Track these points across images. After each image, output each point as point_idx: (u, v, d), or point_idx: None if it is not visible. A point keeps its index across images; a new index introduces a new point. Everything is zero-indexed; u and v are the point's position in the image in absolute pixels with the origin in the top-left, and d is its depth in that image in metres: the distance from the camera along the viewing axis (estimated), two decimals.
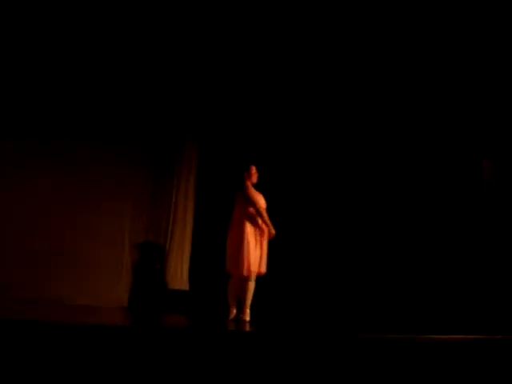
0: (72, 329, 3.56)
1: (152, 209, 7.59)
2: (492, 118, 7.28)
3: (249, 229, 6.23)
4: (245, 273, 6.12)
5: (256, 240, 6.27)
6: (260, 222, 6.31)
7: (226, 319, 6.14)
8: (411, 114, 7.51)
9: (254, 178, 6.53)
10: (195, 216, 7.87)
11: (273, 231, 6.35)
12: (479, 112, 7.27)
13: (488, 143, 7.31)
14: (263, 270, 6.32)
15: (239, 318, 6.15)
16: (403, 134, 7.58)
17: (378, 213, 7.58)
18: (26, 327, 3.36)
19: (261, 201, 6.44)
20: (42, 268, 6.77)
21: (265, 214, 6.33)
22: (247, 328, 5.44)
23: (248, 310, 6.18)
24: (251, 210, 6.30)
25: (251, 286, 6.19)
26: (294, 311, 7.17)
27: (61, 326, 3.58)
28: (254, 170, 6.54)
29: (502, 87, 7.16)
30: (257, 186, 6.58)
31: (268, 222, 6.34)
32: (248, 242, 6.17)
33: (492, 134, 7.32)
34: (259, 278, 6.39)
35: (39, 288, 6.69)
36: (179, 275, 7.69)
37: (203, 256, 7.55)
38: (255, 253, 6.20)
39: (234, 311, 6.25)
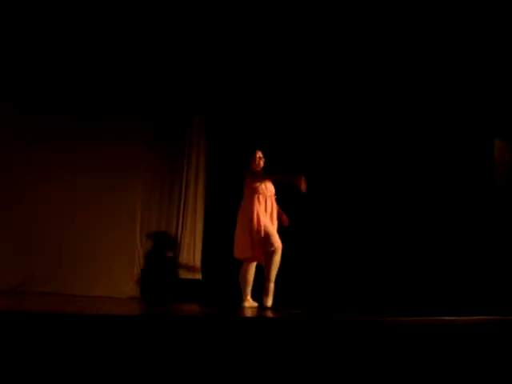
0: (85, 319, 3.54)
1: (163, 194, 7.59)
2: (503, 96, 7.20)
3: (258, 215, 6.11)
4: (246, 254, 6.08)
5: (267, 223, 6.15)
6: (270, 206, 6.22)
7: (240, 307, 6.06)
8: (421, 93, 7.43)
9: (261, 163, 6.36)
10: (206, 204, 7.87)
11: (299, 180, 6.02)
12: (490, 91, 7.19)
13: (499, 122, 7.23)
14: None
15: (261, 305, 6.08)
16: (412, 115, 7.49)
17: (387, 196, 7.52)
18: (43, 320, 3.35)
19: (269, 186, 6.32)
20: (55, 260, 6.77)
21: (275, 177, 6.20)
22: (262, 315, 5.40)
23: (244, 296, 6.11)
24: (260, 189, 6.18)
25: (277, 258, 6.03)
26: (306, 296, 7.13)
27: (74, 317, 3.56)
28: (259, 154, 6.36)
29: None
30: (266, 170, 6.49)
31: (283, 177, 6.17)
32: (259, 224, 6.06)
33: (503, 113, 7.24)
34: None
35: (52, 281, 6.70)
36: (192, 264, 7.69)
37: (216, 242, 7.53)
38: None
39: (249, 298, 6.18)
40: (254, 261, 6.19)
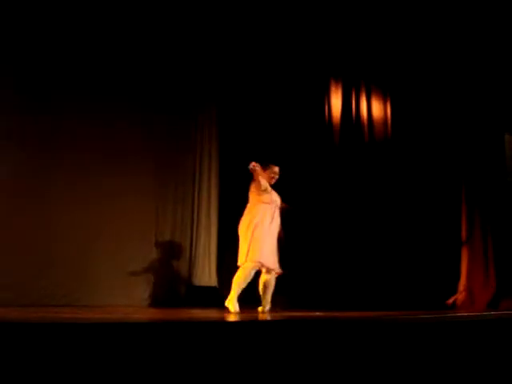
0: (102, 327, 3.59)
1: (176, 199, 7.61)
2: None
3: (260, 219, 6.01)
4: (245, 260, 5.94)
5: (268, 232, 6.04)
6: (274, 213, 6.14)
7: (259, 311, 6.07)
8: (433, 88, 7.44)
9: (274, 179, 6.21)
10: (220, 206, 7.90)
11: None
12: (500, 87, 7.20)
13: (510, 117, 7.24)
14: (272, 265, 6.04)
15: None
16: (423, 112, 7.51)
17: (397, 188, 7.53)
18: (62, 329, 3.39)
19: (274, 196, 6.21)
20: (72, 272, 6.81)
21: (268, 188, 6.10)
22: (276, 318, 5.43)
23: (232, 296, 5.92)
24: (264, 198, 6.08)
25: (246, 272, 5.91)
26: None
27: (92, 326, 3.61)
28: (276, 170, 6.22)
29: None
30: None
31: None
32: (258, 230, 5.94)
33: None
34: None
35: (70, 292, 6.73)
36: (207, 272, 7.71)
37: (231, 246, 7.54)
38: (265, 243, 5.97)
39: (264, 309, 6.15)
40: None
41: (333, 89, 7.93)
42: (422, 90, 7.48)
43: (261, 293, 6.11)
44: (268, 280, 6.07)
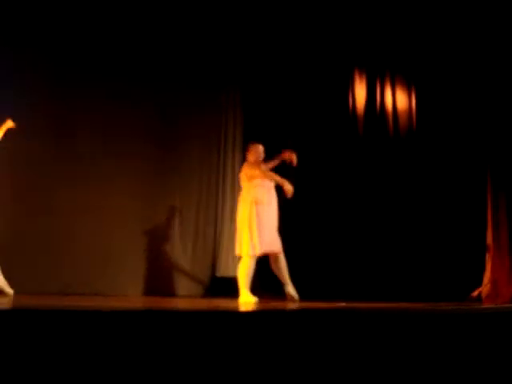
0: (128, 315, 3.62)
1: (201, 191, 7.63)
2: None
3: (256, 205, 6.06)
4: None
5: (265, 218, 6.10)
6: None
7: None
8: (457, 76, 7.34)
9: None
10: None
11: (289, 186, 6.13)
12: None
13: None
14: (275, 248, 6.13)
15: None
16: (447, 99, 7.41)
17: (421, 176, 7.47)
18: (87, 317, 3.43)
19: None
20: (97, 262, 6.88)
21: (272, 174, 6.18)
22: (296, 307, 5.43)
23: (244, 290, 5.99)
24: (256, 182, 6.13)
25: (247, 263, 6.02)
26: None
27: (117, 314, 3.65)
28: (261, 149, 6.33)
29: None
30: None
31: (279, 178, 6.17)
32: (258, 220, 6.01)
33: None
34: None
35: (94, 282, 6.80)
36: (231, 263, 7.71)
37: None
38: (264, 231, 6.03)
39: (286, 288, 6.17)
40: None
41: (357, 78, 7.88)
42: (446, 79, 7.39)
43: (279, 277, 6.12)
44: (278, 262, 6.08)
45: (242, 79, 7.91)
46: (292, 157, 6.28)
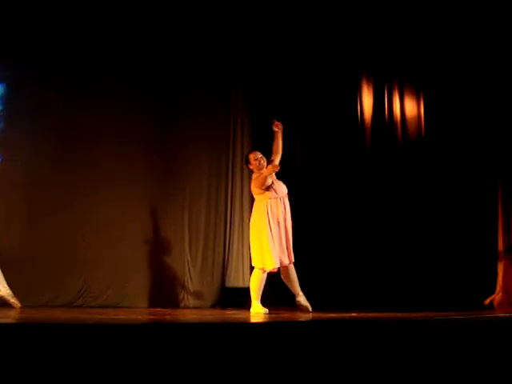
0: (137, 328, 3.61)
1: (210, 199, 7.58)
2: None
3: (268, 218, 5.93)
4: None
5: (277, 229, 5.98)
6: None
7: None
8: (465, 85, 7.31)
9: (262, 163, 6.06)
10: None
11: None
12: None
13: None
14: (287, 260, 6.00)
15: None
16: (456, 107, 7.38)
17: (431, 184, 7.43)
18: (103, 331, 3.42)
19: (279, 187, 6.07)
20: (107, 273, 6.86)
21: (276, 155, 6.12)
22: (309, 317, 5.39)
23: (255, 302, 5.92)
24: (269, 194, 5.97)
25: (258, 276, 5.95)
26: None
27: (126, 327, 3.63)
28: (256, 156, 6.10)
29: None
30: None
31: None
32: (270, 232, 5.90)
33: None
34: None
35: (104, 294, 6.79)
36: (240, 274, 7.70)
37: None
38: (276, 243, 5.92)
39: (298, 298, 6.11)
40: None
41: (364, 85, 7.86)
42: (454, 86, 7.37)
43: (289, 288, 6.08)
44: (289, 273, 6.04)
45: (251, 83, 7.92)
46: (278, 126, 6.19)
